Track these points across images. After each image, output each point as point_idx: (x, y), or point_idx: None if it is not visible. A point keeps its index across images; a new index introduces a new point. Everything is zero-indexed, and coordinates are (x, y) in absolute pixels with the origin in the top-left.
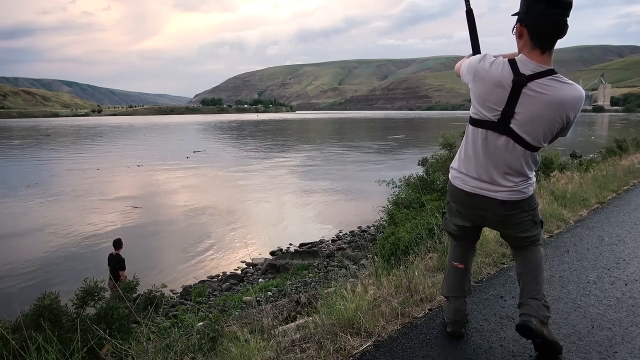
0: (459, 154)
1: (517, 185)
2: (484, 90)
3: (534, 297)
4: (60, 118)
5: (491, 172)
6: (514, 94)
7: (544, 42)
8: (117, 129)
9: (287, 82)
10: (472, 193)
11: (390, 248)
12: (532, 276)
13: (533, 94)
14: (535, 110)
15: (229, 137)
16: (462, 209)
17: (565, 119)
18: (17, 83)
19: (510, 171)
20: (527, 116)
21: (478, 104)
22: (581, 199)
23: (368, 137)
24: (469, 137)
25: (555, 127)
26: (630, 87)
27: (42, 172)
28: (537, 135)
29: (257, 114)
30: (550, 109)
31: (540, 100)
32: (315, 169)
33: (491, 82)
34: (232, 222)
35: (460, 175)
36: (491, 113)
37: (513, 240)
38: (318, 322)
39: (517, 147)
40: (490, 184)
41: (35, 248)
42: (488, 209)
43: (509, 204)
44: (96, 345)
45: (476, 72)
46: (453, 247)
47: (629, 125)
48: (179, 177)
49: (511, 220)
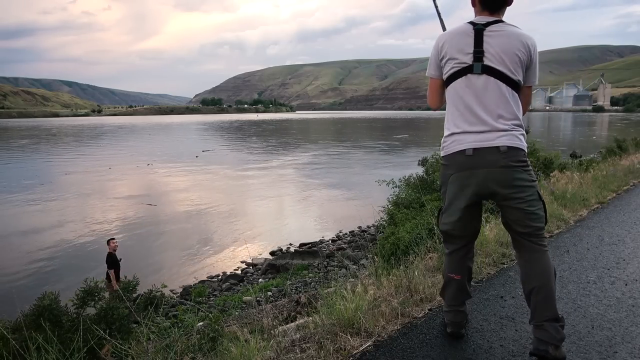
0: (447, 122)
1: (513, 129)
2: (451, 43)
3: (550, 320)
4: (61, 118)
5: (483, 117)
6: (478, 37)
7: (491, 6)
8: (120, 129)
9: (287, 82)
10: (470, 149)
11: (390, 248)
12: (543, 294)
13: (493, 33)
14: (499, 43)
15: (234, 137)
16: (463, 174)
17: (526, 49)
18: (17, 83)
19: (500, 112)
20: (494, 49)
21: (450, 55)
22: (581, 199)
23: (372, 136)
24: (452, 96)
25: (522, 57)
26: (630, 87)
27: (55, 171)
28: (510, 65)
29: (257, 114)
30: (511, 40)
31: (500, 35)
32: (322, 169)
33: (456, 34)
34: (233, 221)
35: (454, 137)
36: (464, 58)
37: (519, 217)
38: (318, 322)
39: (497, 82)
40: (486, 133)
41: (44, 245)
42: (489, 164)
43: (510, 150)
44: (96, 345)
45: (440, 41)
46: (447, 256)
47: (629, 125)
48: (192, 177)
49: (514, 178)
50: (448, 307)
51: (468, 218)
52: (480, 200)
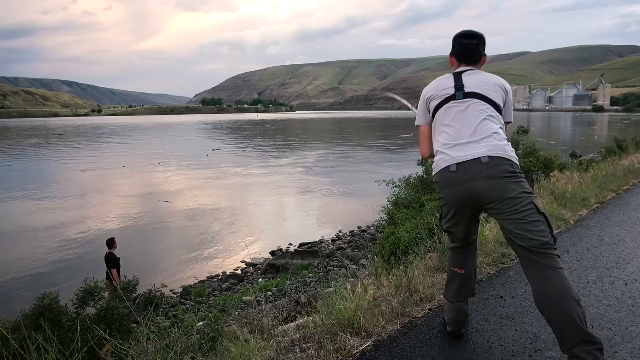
0: (435, 144)
1: (496, 140)
2: (434, 87)
3: (579, 343)
4: (61, 118)
5: (465, 132)
6: (458, 78)
7: (466, 60)
8: (125, 129)
9: (287, 82)
10: (454, 165)
11: (390, 248)
12: (564, 321)
13: (471, 75)
14: (477, 79)
15: (239, 137)
16: (451, 191)
17: (502, 89)
18: (17, 83)
19: (483, 127)
20: (473, 84)
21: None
22: (581, 199)
23: (378, 136)
24: (437, 122)
25: (498, 90)
26: (630, 87)
27: (71, 169)
28: (490, 90)
29: (257, 114)
30: (488, 80)
31: (477, 77)
32: (330, 168)
33: (438, 82)
34: (235, 220)
35: (440, 155)
36: (447, 91)
37: (514, 229)
38: (318, 322)
39: (479, 102)
40: (467, 146)
41: (54, 245)
42: (473, 177)
43: (493, 161)
44: (96, 345)
45: (426, 92)
46: (451, 251)
47: (629, 125)
48: (205, 175)
49: (501, 188)
50: (451, 304)
51: (467, 225)
52: (477, 210)
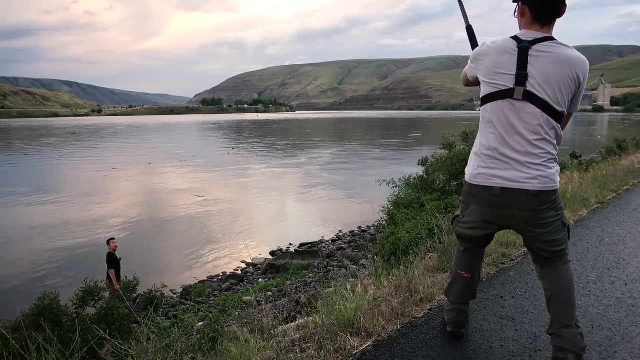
0: (476, 150)
1: (546, 168)
2: (491, 60)
3: (569, 325)
4: (61, 118)
5: (517, 148)
6: (522, 57)
7: (543, 17)
8: (134, 129)
9: (287, 82)
10: (498, 188)
11: (390, 248)
12: (563, 299)
13: (540, 54)
14: (547, 68)
15: (251, 136)
16: (486, 209)
17: (575, 77)
18: (17, 83)
19: (536, 145)
20: (540, 75)
21: (489, 75)
22: (581, 199)
23: (387, 135)
24: (487, 116)
25: (568, 87)
26: (630, 87)
27: (102, 166)
28: (556, 95)
29: (257, 114)
30: (561, 66)
31: (548, 59)
32: (346, 166)
33: (497, 51)
34: (236, 221)
35: (482, 170)
36: (504, 79)
37: (539, 246)
38: (318, 322)
39: (537, 111)
40: (517, 171)
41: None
42: (517, 205)
43: (540, 195)
44: (96, 345)
45: (480, 52)
46: (460, 254)
47: (629, 125)
48: (233, 174)
49: (541, 218)
50: (451, 305)
51: (487, 236)
52: (505, 228)
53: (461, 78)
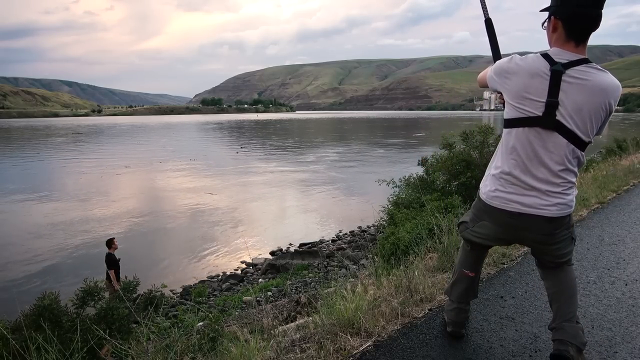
0: (494, 169)
1: (565, 195)
2: (520, 83)
3: (569, 320)
4: (61, 118)
5: (539, 176)
6: (555, 82)
7: (579, 35)
8: (137, 128)
9: (287, 82)
10: (515, 213)
11: (390, 248)
12: (566, 296)
13: (574, 80)
14: (580, 98)
15: (256, 135)
16: (500, 229)
17: (607, 107)
18: (17, 83)
19: (558, 175)
20: (572, 104)
21: (516, 99)
22: (581, 199)
23: (391, 135)
24: (508, 144)
25: (599, 116)
26: (630, 87)
27: (114, 164)
28: (585, 126)
29: (257, 114)
30: (594, 96)
31: (582, 87)
32: (355, 165)
33: (527, 73)
34: (235, 221)
35: (500, 194)
36: (533, 106)
37: (547, 258)
38: (318, 322)
39: (564, 142)
40: (535, 197)
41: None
42: (532, 229)
43: (556, 221)
44: (96, 345)
45: (508, 70)
46: (466, 254)
47: (629, 125)
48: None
49: (554, 238)
50: (452, 304)
51: (494, 244)
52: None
53: (478, 79)
